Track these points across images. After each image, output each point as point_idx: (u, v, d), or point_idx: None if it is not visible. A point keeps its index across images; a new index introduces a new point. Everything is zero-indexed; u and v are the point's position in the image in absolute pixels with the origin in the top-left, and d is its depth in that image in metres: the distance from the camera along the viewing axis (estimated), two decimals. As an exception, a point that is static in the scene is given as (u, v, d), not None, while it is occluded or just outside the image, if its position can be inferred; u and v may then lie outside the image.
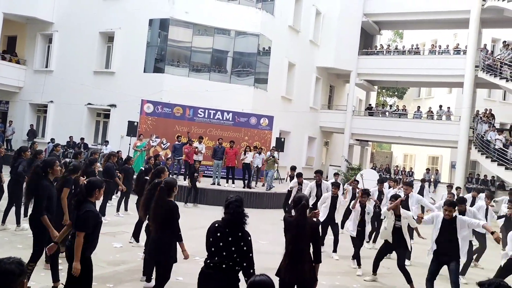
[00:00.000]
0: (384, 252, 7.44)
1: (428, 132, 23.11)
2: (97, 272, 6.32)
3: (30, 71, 22.69)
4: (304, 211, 4.35)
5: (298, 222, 4.30)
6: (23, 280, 2.14)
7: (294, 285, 4.24)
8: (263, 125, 19.15)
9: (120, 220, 10.28)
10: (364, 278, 7.47)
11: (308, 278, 4.24)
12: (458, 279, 6.00)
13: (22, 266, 2.15)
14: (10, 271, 2.08)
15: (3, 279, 2.06)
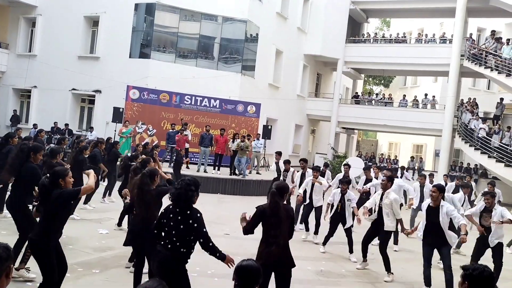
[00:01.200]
0: (371, 236, 7.44)
1: (413, 120, 23.34)
2: (83, 258, 6.35)
3: (13, 55, 22.23)
4: (274, 198, 4.42)
5: (271, 209, 4.39)
6: (10, 265, 2.12)
7: (272, 268, 4.31)
8: (250, 113, 19.11)
9: (106, 207, 10.23)
10: (356, 267, 7.47)
11: (286, 262, 4.38)
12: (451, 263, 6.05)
13: (8, 251, 2.13)
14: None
15: None
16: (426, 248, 6.26)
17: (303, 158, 10.85)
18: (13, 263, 2.15)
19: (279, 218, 4.34)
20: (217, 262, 6.68)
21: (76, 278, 5.56)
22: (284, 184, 4.67)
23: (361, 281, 6.79)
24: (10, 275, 2.14)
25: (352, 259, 7.92)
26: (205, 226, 3.97)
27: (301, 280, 6.48)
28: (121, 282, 5.58)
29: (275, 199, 4.44)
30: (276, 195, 4.45)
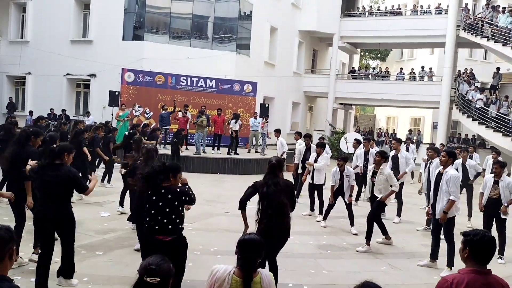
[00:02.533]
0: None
1: (411, 93, 23.25)
2: (86, 241, 6.41)
3: (5, 42, 21.97)
4: (274, 169, 4.60)
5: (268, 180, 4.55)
6: (12, 246, 2.14)
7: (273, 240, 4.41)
8: (246, 92, 19.02)
9: (106, 190, 10.27)
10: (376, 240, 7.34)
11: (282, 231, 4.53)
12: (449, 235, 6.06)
13: (10, 233, 2.15)
14: (1, 236, 2.08)
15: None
16: (433, 217, 6.33)
17: (307, 134, 10.93)
18: (15, 245, 2.17)
19: (279, 190, 4.47)
20: (219, 240, 6.78)
21: (80, 260, 5.61)
22: (282, 159, 4.80)
23: (362, 253, 6.87)
24: (14, 257, 2.17)
25: (353, 231, 7.99)
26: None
27: (302, 254, 6.57)
28: (124, 263, 5.64)
29: (275, 171, 4.53)
30: (276, 167, 4.57)
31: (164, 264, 2.21)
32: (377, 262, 6.50)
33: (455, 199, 5.96)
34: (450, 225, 6.11)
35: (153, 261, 2.20)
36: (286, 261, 6.04)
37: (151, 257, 2.25)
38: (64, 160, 4.60)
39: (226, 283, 2.71)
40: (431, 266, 6.31)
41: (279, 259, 5.63)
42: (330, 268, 6.07)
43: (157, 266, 2.17)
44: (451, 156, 6.13)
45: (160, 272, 2.15)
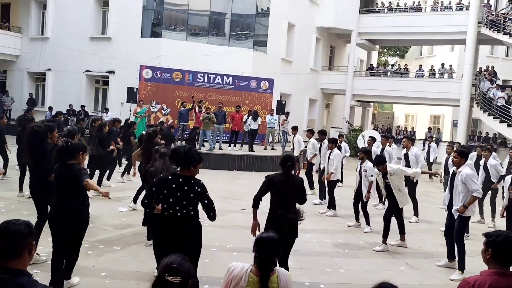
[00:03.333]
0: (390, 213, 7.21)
1: (430, 91, 22.92)
2: (104, 236, 6.48)
3: (26, 38, 22.33)
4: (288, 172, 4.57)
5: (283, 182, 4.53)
6: (32, 241, 2.16)
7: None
8: (263, 88, 18.99)
9: (124, 186, 10.36)
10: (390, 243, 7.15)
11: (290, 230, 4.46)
12: (459, 235, 5.94)
13: (30, 228, 2.17)
14: (19, 231, 2.10)
15: (12, 239, 2.08)
16: (447, 217, 6.24)
17: (321, 130, 10.86)
18: (34, 240, 2.18)
19: (289, 188, 4.49)
20: (235, 237, 6.78)
21: (98, 255, 5.68)
22: (293, 154, 4.83)
23: (380, 253, 6.79)
24: (33, 252, 2.18)
25: (366, 229, 7.91)
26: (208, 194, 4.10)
27: (319, 253, 6.53)
28: (141, 258, 5.68)
29: (287, 175, 4.56)
30: (289, 169, 4.58)
31: (185, 264, 2.20)
32: (395, 262, 6.42)
33: (478, 196, 5.84)
34: (463, 225, 5.98)
35: (175, 260, 2.19)
36: (302, 259, 6.02)
37: (172, 256, 2.23)
38: (78, 160, 4.49)
39: (243, 281, 2.69)
40: (450, 266, 6.20)
41: (295, 257, 5.63)
42: (347, 267, 6.01)
43: (178, 266, 2.15)
44: (463, 156, 6.01)
45: (181, 272, 2.14)
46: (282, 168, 4.58)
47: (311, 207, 9.66)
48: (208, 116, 14.73)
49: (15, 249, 2.08)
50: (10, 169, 9.98)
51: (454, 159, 6.06)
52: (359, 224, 8.21)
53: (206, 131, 14.76)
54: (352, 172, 11.49)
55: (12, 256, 2.07)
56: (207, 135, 14.79)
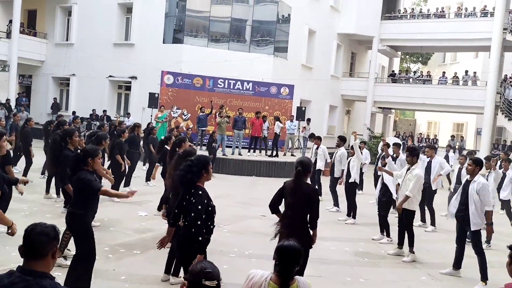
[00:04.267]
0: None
1: (453, 98, 22.55)
2: (124, 240, 6.53)
3: (51, 44, 22.85)
4: (297, 177, 4.31)
5: (292, 188, 4.31)
6: (56, 245, 2.20)
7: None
8: (283, 94, 18.98)
9: (145, 189, 10.43)
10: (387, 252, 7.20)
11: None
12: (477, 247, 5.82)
13: (56, 232, 2.23)
14: (45, 233, 2.16)
15: (39, 239, 2.14)
16: (456, 227, 6.19)
17: (340, 136, 10.77)
18: (60, 246, 2.23)
19: (297, 199, 4.26)
20: (254, 243, 6.75)
21: (118, 258, 5.74)
22: (309, 162, 4.52)
23: (401, 262, 6.68)
24: (56, 256, 2.22)
25: (381, 239, 7.74)
26: (203, 204, 3.84)
27: (338, 261, 6.46)
28: (160, 263, 5.68)
29: (298, 179, 4.32)
30: (301, 174, 4.32)
31: (215, 268, 2.24)
32: (416, 272, 6.30)
33: (490, 209, 5.76)
34: (477, 236, 5.86)
35: (206, 265, 2.22)
36: (321, 267, 5.96)
37: (202, 262, 2.27)
38: (91, 166, 4.33)
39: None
40: (454, 274, 6.14)
41: (314, 265, 5.57)
42: (367, 276, 5.93)
43: (212, 270, 2.19)
44: (478, 165, 5.92)
45: (215, 275, 2.18)
46: (299, 176, 4.35)
47: (331, 215, 9.58)
48: (223, 120, 14.83)
49: (41, 250, 2.13)
50: (34, 172, 10.19)
51: (469, 167, 5.97)
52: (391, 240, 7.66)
53: (219, 135, 14.76)
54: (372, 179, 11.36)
55: (37, 256, 2.13)
56: (218, 139, 14.72)
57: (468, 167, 6.00)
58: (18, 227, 3.79)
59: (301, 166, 4.31)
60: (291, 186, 4.35)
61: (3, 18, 23.03)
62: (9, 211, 6.37)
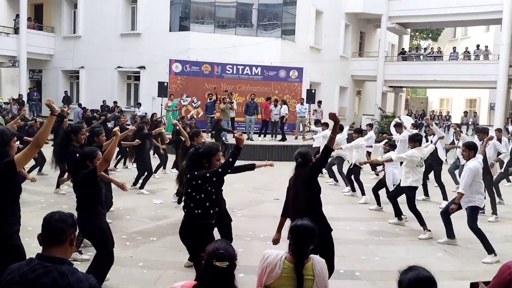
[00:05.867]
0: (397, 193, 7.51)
1: (465, 73, 22.21)
2: (140, 227, 6.63)
3: (59, 38, 22.94)
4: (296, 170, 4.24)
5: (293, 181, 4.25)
6: (73, 232, 2.25)
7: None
8: (292, 78, 18.88)
9: (158, 179, 10.49)
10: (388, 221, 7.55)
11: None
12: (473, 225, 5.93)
13: (73, 219, 2.31)
14: (63, 220, 2.24)
15: (57, 226, 2.21)
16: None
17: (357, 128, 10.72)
18: (75, 232, 2.28)
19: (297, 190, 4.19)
20: (268, 226, 6.79)
21: (135, 246, 5.83)
22: (307, 150, 4.38)
23: (416, 239, 6.68)
24: (74, 243, 2.27)
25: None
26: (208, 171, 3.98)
27: (353, 241, 6.48)
28: (177, 248, 5.75)
29: (298, 171, 4.23)
30: (300, 166, 4.23)
31: (230, 248, 2.26)
32: (432, 249, 6.30)
33: (463, 192, 5.85)
34: (474, 214, 5.98)
35: (220, 245, 2.24)
36: (337, 247, 5.91)
37: (216, 242, 2.30)
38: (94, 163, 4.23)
39: (277, 268, 2.71)
40: (451, 243, 6.37)
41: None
42: (383, 254, 5.94)
43: (224, 251, 2.21)
44: (471, 149, 6.00)
45: (228, 256, 2.20)
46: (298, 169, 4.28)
47: (345, 196, 9.60)
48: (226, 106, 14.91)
49: (59, 236, 2.19)
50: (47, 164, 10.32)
51: (463, 153, 6.11)
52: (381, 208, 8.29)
53: (225, 121, 14.69)
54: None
55: (56, 243, 2.19)
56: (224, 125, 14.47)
57: (463, 153, 6.16)
58: (36, 219, 3.86)
59: (301, 158, 4.24)
60: (292, 179, 4.30)
61: (9, 13, 23.14)
62: (26, 204, 6.51)
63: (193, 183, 3.89)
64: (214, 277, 2.17)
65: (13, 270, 2.13)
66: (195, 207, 3.91)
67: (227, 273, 2.18)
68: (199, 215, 3.90)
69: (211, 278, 2.17)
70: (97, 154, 4.30)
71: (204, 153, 4.01)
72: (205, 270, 2.20)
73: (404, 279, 2.16)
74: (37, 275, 2.07)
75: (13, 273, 2.11)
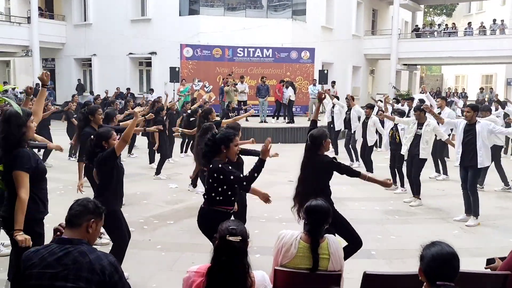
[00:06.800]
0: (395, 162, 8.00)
1: (481, 49, 21.74)
2: (157, 211, 6.72)
3: (70, 26, 23.00)
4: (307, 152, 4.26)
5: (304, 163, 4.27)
6: (93, 219, 2.29)
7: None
8: (304, 59, 18.71)
9: (172, 164, 10.57)
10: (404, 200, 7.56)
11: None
12: (473, 187, 6.25)
13: (97, 207, 2.36)
14: (84, 204, 2.33)
15: (76, 209, 2.31)
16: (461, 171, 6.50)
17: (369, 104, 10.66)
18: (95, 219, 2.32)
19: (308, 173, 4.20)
20: (283, 208, 6.83)
21: (152, 229, 5.93)
22: (321, 132, 4.31)
23: (432, 218, 6.66)
24: (91, 231, 2.30)
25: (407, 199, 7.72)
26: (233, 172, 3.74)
27: (369, 220, 6.48)
28: (194, 231, 5.81)
29: (309, 153, 4.24)
30: (311, 148, 4.23)
31: (241, 226, 2.35)
32: (448, 226, 6.28)
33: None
34: (476, 176, 6.34)
35: (232, 223, 2.34)
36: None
37: (228, 222, 2.38)
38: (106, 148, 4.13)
39: (293, 247, 2.74)
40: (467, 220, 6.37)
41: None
42: (398, 233, 5.95)
43: (237, 227, 2.30)
44: (476, 110, 6.41)
45: (240, 232, 2.28)
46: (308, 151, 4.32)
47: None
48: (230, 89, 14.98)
49: (76, 219, 2.27)
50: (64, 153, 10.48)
51: (467, 114, 6.37)
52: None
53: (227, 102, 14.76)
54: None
55: (73, 226, 2.26)
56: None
57: (467, 114, 6.38)
58: (55, 206, 3.94)
59: (311, 141, 4.22)
60: (303, 161, 4.29)
61: (20, 3, 23.27)
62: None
63: (215, 175, 3.74)
64: (228, 252, 2.21)
65: (31, 256, 2.18)
66: (217, 195, 3.78)
67: (240, 249, 2.23)
68: (220, 202, 3.77)
69: (224, 254, 2.22)
70: (112, 134, 4.20)
71: (221, 139, 3.79)
72: (218, 247, 2.25)
73: (427, 254, 2.17)
74: (57, 258, 2.13)
75: (31, 258, 2.17)
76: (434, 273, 2.09)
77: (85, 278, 2.09)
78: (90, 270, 2.10)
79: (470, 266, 3.29)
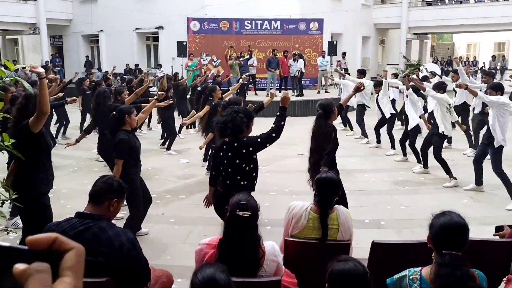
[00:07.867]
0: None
1: (493, 15, 21.20)
2: (169, 186, 6.83)
3: (76, 2, 22.83)
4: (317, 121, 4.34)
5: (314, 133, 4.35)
6: (114, 198, 2.37)
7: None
8: (313, 30, 18.44)
9: (182, 140, 10.63)
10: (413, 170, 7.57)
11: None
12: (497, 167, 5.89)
13: (120, 186, 2.44)
14: (108, 182, 2.41)
15: (99, 186, 2.39)
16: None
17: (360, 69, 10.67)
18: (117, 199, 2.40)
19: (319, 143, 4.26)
20: (293, 180, 6.90)
21: (165, 204, 6.05)
22: (330, 101, 4.42)
23: (441, 188, 6.68)
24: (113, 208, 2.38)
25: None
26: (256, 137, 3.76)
27: (378, 191, 6.54)
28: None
29: (318, 122, 4.32)
30: (321, 117, 4.32)
31: (251, 200, 2.39)
32: (458, 196, 6.31)
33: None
34: (497, 155, 5.92)
35: (242, 197, 2.37)
36: (361, 198, 6.07)
37: (239, 195, 2.41)
38: (128, 124, 4.37)
39: (303, 218, 2.80)
40: (478, 190, 6.38)
41: (354, 197, 5.69)
42: (408, 203, 6.00)
43: (247, 202, 2.33)
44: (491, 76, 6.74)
45: (250, 207, 2.32)
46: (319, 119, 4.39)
47: (369, 149, 9.60)
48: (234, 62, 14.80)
49: (98, 196, 2.36)
50: (75, 129, 10.61)
51: (483, 79, 6.67)
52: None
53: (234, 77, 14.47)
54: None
55: (95, 202, 2.35)
56: (232, 81, 14.20)
57: (483, 79, 6.70)
58: (68, 182, 4.06)
59: (321, 109, 4.32)
60: (313, 130, 4.37)
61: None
62: (58, 168, 6.77)
63: (243, 151, 3.54)
64: (238, 227, 2.27)
65: (53, 228, 2.27)
66: (242, 178, 3.60)
67: (250, 223, 2.29)
68: (244, 187, 3.56)
69: (235, 228, 2.28)
70: (133, 111, 4.53)
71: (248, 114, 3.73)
72: (229, 221, 2.31)
73: (436, 223, 2.18)
74: (78, 232, 2.21)
75: (54, 231, 2.24)
76: (441, 242, 2.13)
77: (104, 253, 2.17)
78: (109, 246, 2.19)
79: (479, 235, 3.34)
